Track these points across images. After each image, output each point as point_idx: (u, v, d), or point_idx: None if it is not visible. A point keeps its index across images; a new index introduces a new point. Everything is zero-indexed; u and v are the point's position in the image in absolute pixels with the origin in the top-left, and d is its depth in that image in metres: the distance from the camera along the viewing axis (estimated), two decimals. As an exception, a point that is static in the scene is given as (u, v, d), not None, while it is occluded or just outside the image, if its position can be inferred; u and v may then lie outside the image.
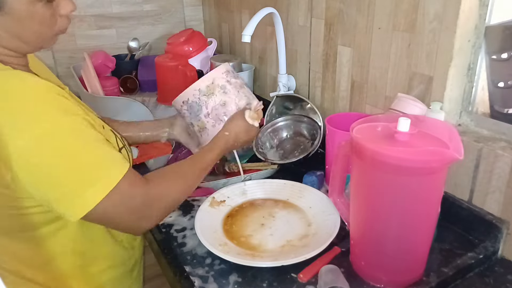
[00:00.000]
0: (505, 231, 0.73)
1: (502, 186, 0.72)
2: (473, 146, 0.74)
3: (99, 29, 1.68)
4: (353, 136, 0.63)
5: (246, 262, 0.70)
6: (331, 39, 1.06)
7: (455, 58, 0.76)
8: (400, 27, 0.84)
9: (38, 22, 0.63)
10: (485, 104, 0.81)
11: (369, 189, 0.65)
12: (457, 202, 0.79)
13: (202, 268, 0.73)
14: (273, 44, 1.31)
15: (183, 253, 0.77)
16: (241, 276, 0.70)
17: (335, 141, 0.92)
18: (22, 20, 0.62)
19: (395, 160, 0.58)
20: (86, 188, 0.60)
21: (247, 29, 1.02)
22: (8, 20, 0.61)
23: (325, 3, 1.05)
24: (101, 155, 0.63)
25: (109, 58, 1.59)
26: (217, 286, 0.69)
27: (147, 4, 1.74)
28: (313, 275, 0.69)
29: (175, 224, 0.86)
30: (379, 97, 0.95)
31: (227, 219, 0.84)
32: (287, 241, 0.77)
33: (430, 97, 0.81)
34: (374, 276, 0.68)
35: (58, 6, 0.66)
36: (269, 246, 0.76)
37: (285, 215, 0.85)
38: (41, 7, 0.62)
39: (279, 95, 1.18)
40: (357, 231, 0.70)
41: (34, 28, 0.63)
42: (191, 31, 1.50)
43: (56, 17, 0.66)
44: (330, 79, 1.10)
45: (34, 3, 0.61)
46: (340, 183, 0.75)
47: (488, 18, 0.75)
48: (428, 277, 0.66)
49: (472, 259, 0.70)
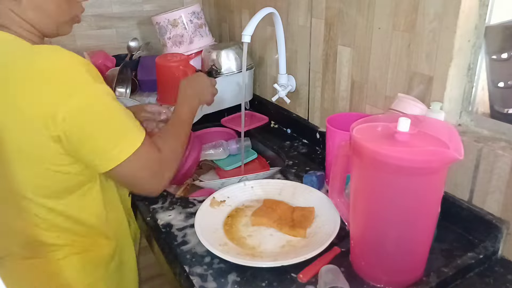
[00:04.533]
0: (505, 231, 0.73)
1: (502, 186, 0.72)
2: (473, 146, 0.74)
3: (99, 29, 1.68)
4: (353, 136, 0.63)
5: (245, 262, 0.70)
6: (331, 39, 1.06)
7: (455, 58, 0.76)
8: (400, 27, 0.84)
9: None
10: (485, 104, 0.81)
11: (369, 189, 0.65)
12: (457, 202, 0.79)
13: (201, 266, 0.73)
14: (273, 44, 1.31)
15: (182, 252, 0.77)
16: (241, 276, 0.70)
17: (335, 141, 0.92)
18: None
19: (395, 160, 0.58)
20: (118, 144, 0.69)
21: (247, 29, 1.02)
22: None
23: (325, 3, 1.05)
24: (127, 119, 0.72)
25: (109, 58, 1.59)
26: (216, 285, 0.69)
27: (147, 4, 1.74)
28: (313, 275, 0.69)
29: (175, 223, 0.86)
30: (379, 97, 0.95)
31: (228, 219, 0.84)
32: (287, 241, 0.78)
33: (430, 97, 0.81)
34: (374, 276, 0.68)
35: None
36: (268, 246, 0.76)
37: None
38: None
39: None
40: (357, 231, 0.70)
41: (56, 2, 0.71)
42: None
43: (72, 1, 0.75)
44: (330, 79, 1.10)
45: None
46: (340, 183, 0.75)
47: (488, 18, 0.75)
48: (428, 277, 0.66)
49: (472, 259, 0.70)
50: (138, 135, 0.72)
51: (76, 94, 0.65)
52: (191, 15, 1.44)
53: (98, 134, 0.68)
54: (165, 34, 1.46)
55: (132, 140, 0.71)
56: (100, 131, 0.68)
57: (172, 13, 1.44)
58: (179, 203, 0.94)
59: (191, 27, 1.44)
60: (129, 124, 0.72)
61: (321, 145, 1.17)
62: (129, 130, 0.71)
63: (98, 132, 0.68)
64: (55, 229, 0.77)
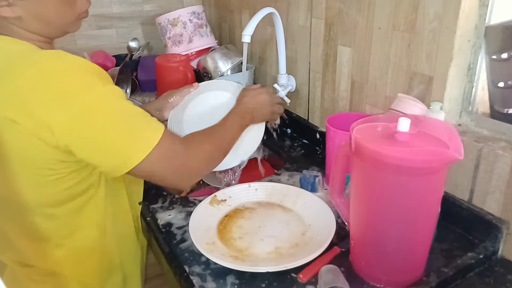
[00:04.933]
0: (505, 231, 0.73)
1: (502, 186, 0.72)
2: (473, 146, 0.74)
3: (99, 29, 1.68)
4: (353, 136, 0.63)
5: (227, 264, 0.69)
6: (331, 39, 1.06)
7: (455, 58, 0.76)
8: (400, 27, 0.84)
9: (59, 1, 0.68)
10: (485, 104, 0.81)
11: (369, 189, 0.65)
12: (457, 202, 0.79)
13: (199, 266, 0.73)
14: (273, 44, 1.31)
15: (182, 250, 0.77)
16: (241, 276, 0.70)
17: (335, 141, 0.92)
18: (43, 1, 0.67)
19: (395, 160, 0.58)
20: (131, 146, 0.66)
21: (247, 29, 1.02)
22: (32, 4, 0.66)
23: (325, 3, 1.05)
24: (140, 116, 0.69)
25: (109, 58, 1.59)
26: (216, 285, 0.69)
27: (147, 4, 1.74)
28: (313, 275, 0.69)
29: (175, 222, 0.86)
30: (379, 97, 0.95)
31: (224, 219, 0.84)
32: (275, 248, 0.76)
33: (430, 97, 0.81)
34: (374, 276, 0.68)
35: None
36: (255, 251, 0.75)
37: (285, 218, 0.84)
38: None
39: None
40: (357, 231, 0.70)
41: (55, 7, 0.68)
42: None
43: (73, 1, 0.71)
44: (330, 79, 1.10)
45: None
46: (340, 183, 0.75)
47: (488, 18, 0.75)
48: (428, 277, 0.66)
49: (472, 259, 0.70)
50: (154, 133, 0.68)
51: (75, 99, 0.62)
52: (191, 14, 1.45)
53: (104, 137, 0.65)
54: (165, 34, 1.47)
55: (147, 139, 0.67)
56: (107, 134, 0.65)
57: (172, 12, 1.44)
58: (179, 202, 0.94)
59: (190, 27, 1.44)
60: (142, 122, 0.68)
61: (321, 145, 1.17)
62: (143, 129, 0.68)
63: (105, 135, 0.65)
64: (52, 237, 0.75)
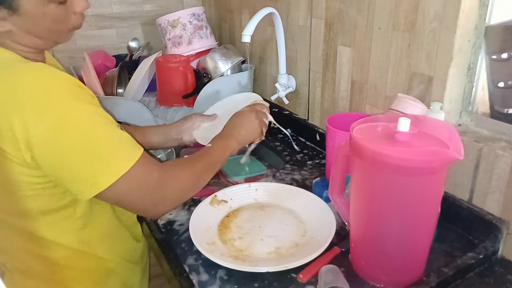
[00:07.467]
0: (505, 231, 0.73)
1: (502, 186, 0.72)
2: (473, 146, 0.74)
3: (99, 29, 1.68)
4: (353, 136, 0.63)
5: (228, 264, 0.69)
6: (331, 39, 1.06)
7: (455, 58, 0.76)
8: (400, 27, 0.84)
9: (51, 20, 0.67)
10: (485, 104, 0.81)
11: (369, 189, 0.65)
12: (457, 202, 0.79)
13: (198, 265, 0.73)
14: (273, 44, 1.31)
15: (182, 250, 0.77)
16: (241, 276, 0.70)
17: (335, 141, 0.92)
18: (36, 20, 0.65)
19: (395, 160, 0.58)
20: (100, 171, 0.63)
21: (247, 29, 1.02)
22: (23, 20, 0.65)
23: (325, 3, 1.05)
24: (115, 140, 0.66)
25: (109, 58, 1.59)
26: (215, 285, 0.69)
27: (147, 4, 1.74)
28: (313, 275, 0.69)
29: (175, 221, 0.87)
30: (379, 97, 0.95)
31: (225, 219, 0.84)
32: (275, 248, 0.76)
33: (430, 97, 0.81)
34: (374, 276, 0.68)
35: (72, 4, 0.68)
36: (255, 251, 0.75)
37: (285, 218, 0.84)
38: (54, 8, 0.66)
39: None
40: (357, 231, 0.70)
41: (47, 26, 0.67)
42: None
43: (70, 15, 0.69)
44: (330, 79, 1.10)
45: (47, 5, 0.64)
46: (340, 183, 0.75)
47: (488, 18, 0.75)
48: (428, 277, 0.66)
49: (472, 259, 0.70)
50: (127, 159, 0.65)
51: (48, 116, 0.60)
52: (191, 16, 1.44)
53: (74, 160, 0.63)
54: (165, 35, 1.47)
55: (117, 164, 0.64)
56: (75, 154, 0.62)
57: (172, 14, 1.44)
58: (179, 203, 0.94)
59: (190, 28, 1.44)
60: (117, 147, 0.65)
61: (321, 145, 1.17)
62: (115, 154, 0.65)
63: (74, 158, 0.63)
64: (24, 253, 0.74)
